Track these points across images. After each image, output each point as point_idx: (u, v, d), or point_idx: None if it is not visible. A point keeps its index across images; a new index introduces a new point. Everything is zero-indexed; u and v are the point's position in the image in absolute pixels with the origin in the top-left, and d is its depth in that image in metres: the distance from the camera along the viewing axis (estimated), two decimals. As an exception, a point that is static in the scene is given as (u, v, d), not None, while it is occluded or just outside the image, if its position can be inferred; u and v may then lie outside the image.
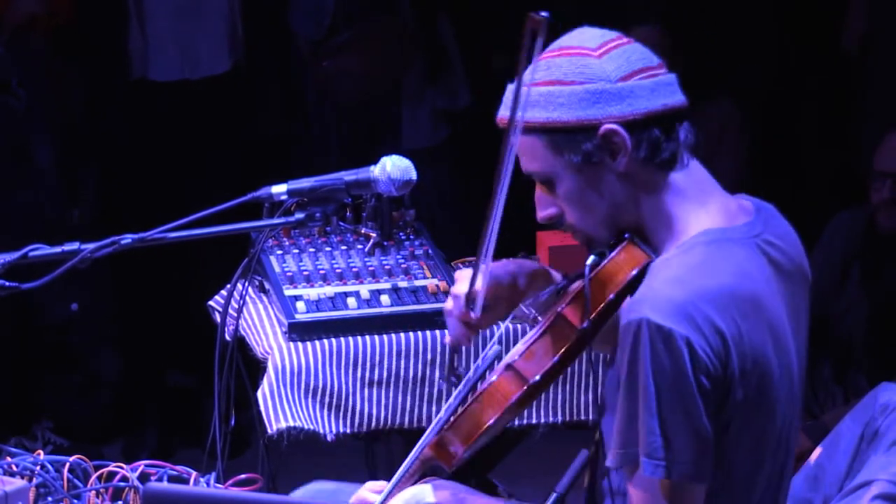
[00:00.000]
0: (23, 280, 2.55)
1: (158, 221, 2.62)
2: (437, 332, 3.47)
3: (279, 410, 3.36)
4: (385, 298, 3.50)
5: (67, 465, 2.63)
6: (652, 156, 2.41)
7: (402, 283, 3.55)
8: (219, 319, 3.36)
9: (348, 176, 2.70)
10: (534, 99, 2.40)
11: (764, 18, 5.90)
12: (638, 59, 2.43)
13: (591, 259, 2.44)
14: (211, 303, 3.77)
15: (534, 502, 2.71)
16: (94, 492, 2.59)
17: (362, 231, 3.73)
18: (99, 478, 2.61)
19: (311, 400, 3.41)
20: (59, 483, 2.60)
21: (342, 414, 3.44)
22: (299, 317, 3.43)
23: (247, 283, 3.24)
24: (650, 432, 2.30)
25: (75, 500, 2.59)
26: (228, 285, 3.30)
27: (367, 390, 3.45)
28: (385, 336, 3.46)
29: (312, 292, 3.51)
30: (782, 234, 2.50)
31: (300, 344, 3.42)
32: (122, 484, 2.60)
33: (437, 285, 3.54)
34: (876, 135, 4.72)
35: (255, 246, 3.15)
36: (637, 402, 2.32)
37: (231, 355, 3.08)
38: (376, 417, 3.47)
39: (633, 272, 2.42)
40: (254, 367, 3.46)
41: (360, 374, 3.44)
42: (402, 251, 3.69)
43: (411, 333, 3.47)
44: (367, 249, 3.67)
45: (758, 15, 5.86)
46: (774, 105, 5.91)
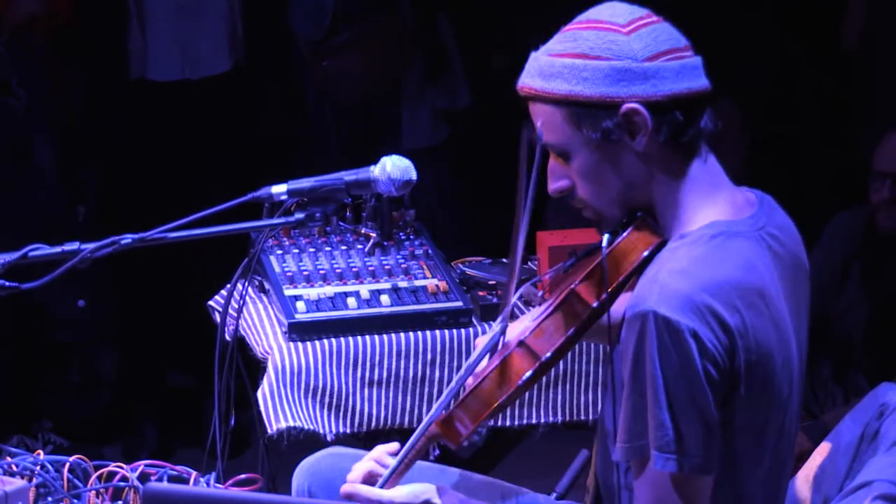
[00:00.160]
0: (23, 280, 2.55)
1: (158, 221, 2.61)
2: (437, 332, 3.47)
3: (279, 410, 3.36)
4: (385, 298, 3.50)
5: (67, 465, 2.63)
6: (672, 139, 2.40)
7: (402, 283, 3.55)
8: (219, 319, 3.36)
9: (348, 176, 2.70)
10: (557, 69, 2.39)
11: (764, 18, 5.89)
12: (666, 39, 2.42)
13: (605, 237, 2.43)
14: (211, 303, 3.78)
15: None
16: (94, 492, 2.59)
17: (362, 231, 3.73)
18: (99, 478, 2.61)
19: (311, 400, 3.41)
20: (59, 483, 2.60)
21: (342, 414, 3.44)
22: (299, 317, 3.43)
23: (247, 283, 3.24)
24: (661, 425, 2.29)
25: (75, 500, 2.59)
26: (228, 285, 3.31)
27: (366, 390, 3.45)
28: (385, 336, 3.46)
29: (312, 292, 3.51)
30: (783, 226, 2.51)
31: (300, 344, 3.42)
32: (122, 484, 2.60)
33: (437, 285, 3.54)
34: (876, 135, 4.72)
35: (255, 246, 3.15)
36: (644, 395, 2.30)
37: (231, 355, 3.09)
38: (376, 417, 3.47)
39: (646, 252, 2.42)
40: (254, 367, 3.46)
41: (360, 374, 3.44)
42: (402, 251, 3.69)
43: (411, 333, 3.47)
44: (367, 249, 3.67)
45: (758, 15, 5.86)
46: (774, 105, 5.91)
